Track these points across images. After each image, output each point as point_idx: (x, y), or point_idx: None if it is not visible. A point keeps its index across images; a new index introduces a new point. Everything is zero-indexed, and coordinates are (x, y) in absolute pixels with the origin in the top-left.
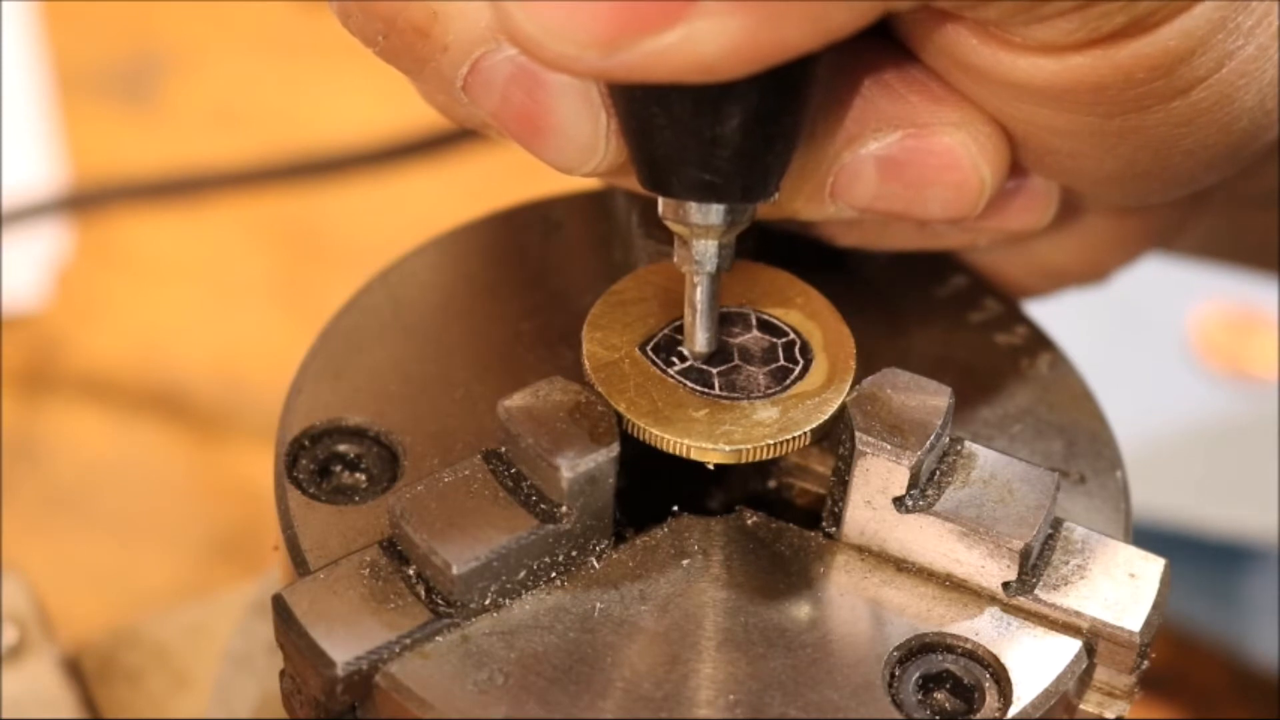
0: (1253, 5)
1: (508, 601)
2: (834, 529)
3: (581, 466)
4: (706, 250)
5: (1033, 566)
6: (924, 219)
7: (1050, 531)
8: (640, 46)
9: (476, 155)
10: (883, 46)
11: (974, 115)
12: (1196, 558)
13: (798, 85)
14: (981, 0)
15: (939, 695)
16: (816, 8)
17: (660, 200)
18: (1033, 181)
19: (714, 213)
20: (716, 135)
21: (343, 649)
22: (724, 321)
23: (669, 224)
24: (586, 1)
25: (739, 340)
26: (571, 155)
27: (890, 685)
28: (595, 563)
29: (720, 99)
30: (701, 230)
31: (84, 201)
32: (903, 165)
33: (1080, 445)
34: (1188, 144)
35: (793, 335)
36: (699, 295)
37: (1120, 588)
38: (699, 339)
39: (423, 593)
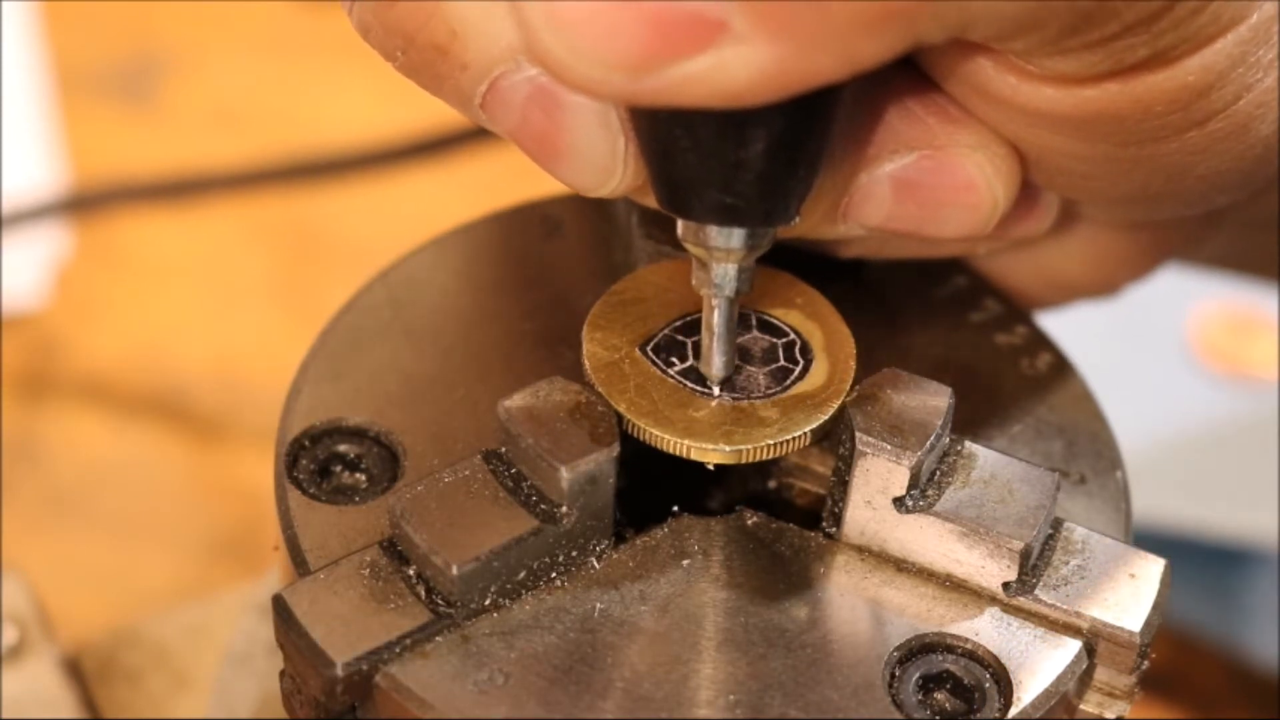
0: (1273, 39)
1: (508, 601)
2: (834, 529)
3: (581, 466)
4: (726, 274)
5: (1033, 567)
6: (936, 239)
7: (1050, 532)
8: (669, 71)
9: (476, 156)
10: (899, 70)
11: (989, 137)
12: (1196, 559)
13: (823, 111)
14: (1009, 34)
15: (939, 695)
16: (847, 38)
17: (680, 223)
18: (1034, 191)
19: (735, 236)
20: (740, 159)
21: (343, 649)
22: None
23: (688, 247)
24: (615, 23)
25: (739, 340)
26: (589, 177)
27: (890, 685)
28: (595, 563)
29: (745, 124)
30: (722, 254)
31: (84, 203)
32: (918, 186)
33: (1080, 445)
34: (1201, 170)
35: (793, 335)
36: (717, 319)
37: (1120, 588)
38: (716, 363)
39: (423, 593)
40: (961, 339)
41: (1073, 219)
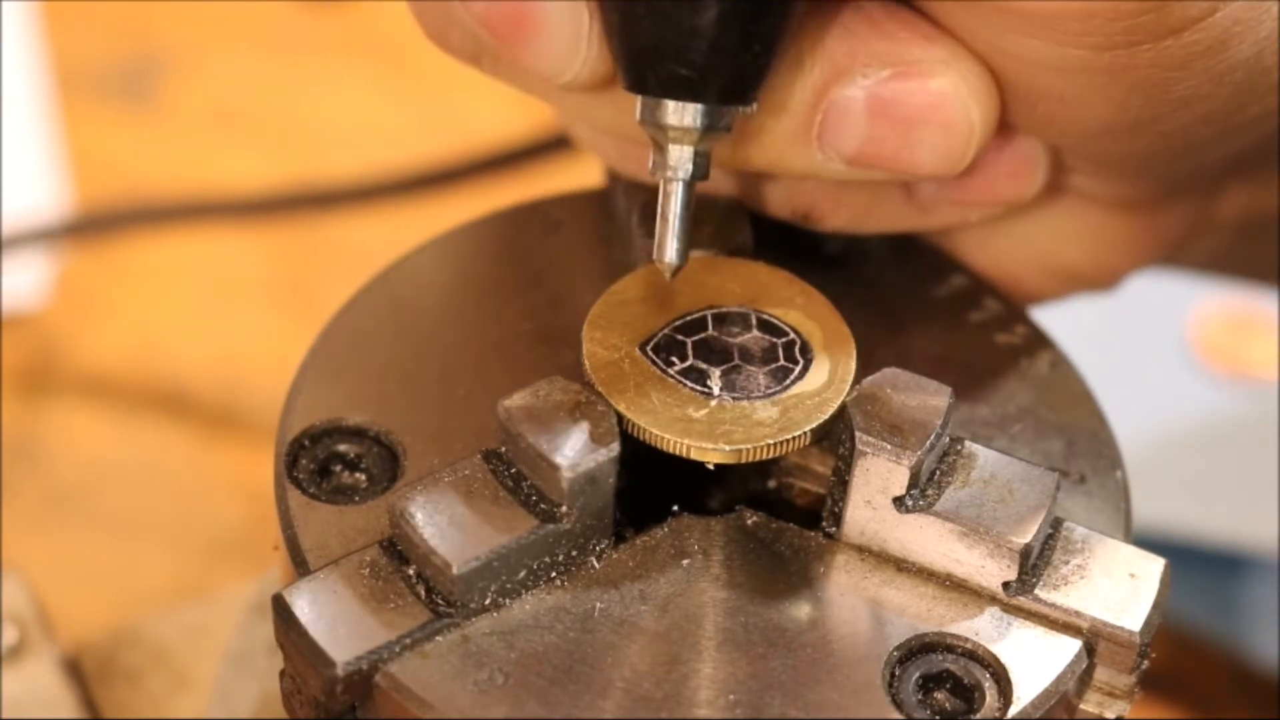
0: None
1: (508, 601)
2: (834, 529)
3: (581, 466)
4: (681, 155)
5: (1033, 566)
6: (913, 170)
7: (1050, 531)
8: None
9: (485, 184)
10: None
11: (963, 54)
12: (1196, 559)
13: None
14: None
15: (939, 695)
16: None
17: (638, 104)
18: (1019, 144)
19: (689, 113)
20: (694, 26)
21: (343, 649)
22: (724, 321)
23: (645, 129)
24: None
25: (739, 340)
26: (555, 57)
27: (890, 685)
28: (595, 563)
29: None
30: (677, 133)
31: (88, 226)
32: (891, 104)
33: (1080, 445)
34: (1180, 91)
35: (793, 335)
36: (672, 204)
37: (1120, 587)
38: (669, 248)
39: (423, 593)
40: (961, 339)
41: (1066, 194)
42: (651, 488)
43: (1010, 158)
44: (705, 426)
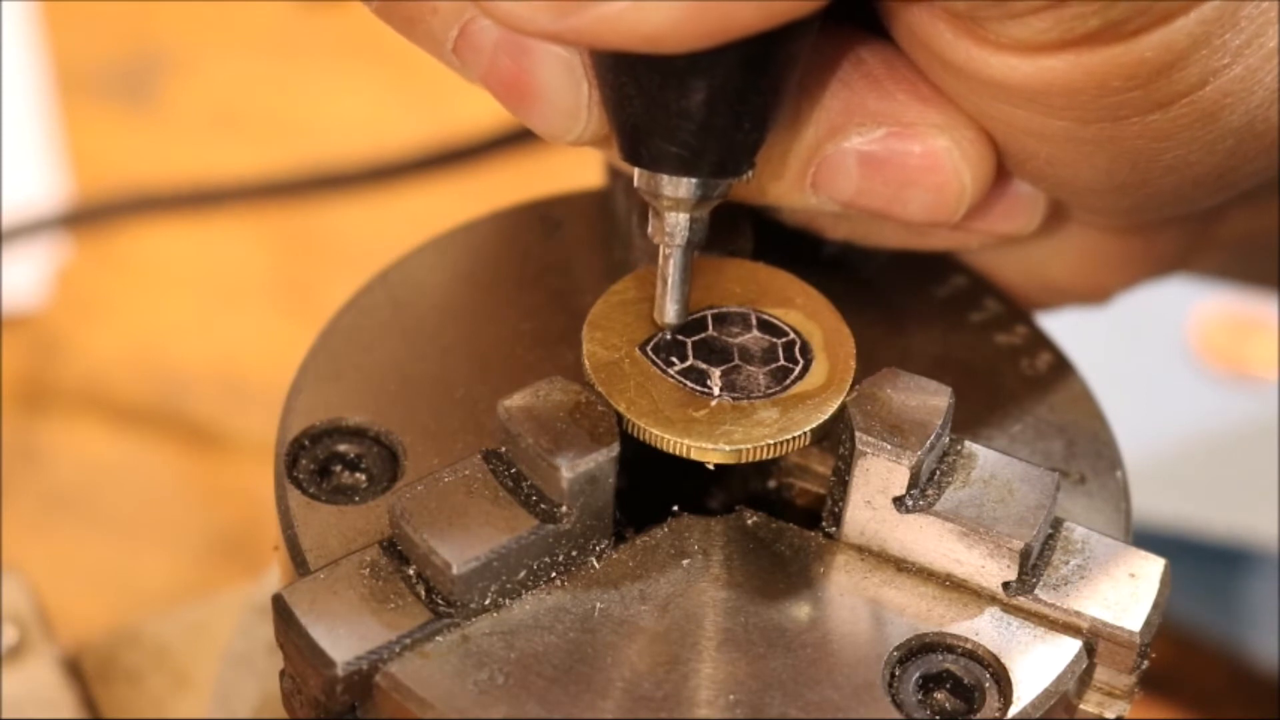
0: (1242, 25)
1: (508, 601)
2: (834, 529)
3: (581, 466)
4: (677, 223)
5: (1033, 566)
6: (904, 220)
7: (1050, 531)
8: (589, 11)
9: (481, 166)
10: (873, 40)
11: (959, 119)
12: (1196, 559)
13: (765, 65)
14: None
15: (939, 695)
16: None
17: (635, 172)
18: (1017, 185)
19: (683, 186)
20: (683, 108)
21: (343, 649)
22: (724, 321)
23: (644, 196)
24: None
25: (739, 340)
26: (555, 122)
27: (890, 685)
28: (595, 563)
29: (685, 72)
30: (672, 203)
31: (87, 215)
32: (884, 163)
33: (1080, 445)
34: (1168, 159)
35: (793, 335)
36: (670, 268)
37: (1120, 588)
38: (668, 310)
39: (423, 593)
40: (961, 339)
41: (1063, 220)
42: (651, 488)
43: (1006, 196)
44: (705, 426)
